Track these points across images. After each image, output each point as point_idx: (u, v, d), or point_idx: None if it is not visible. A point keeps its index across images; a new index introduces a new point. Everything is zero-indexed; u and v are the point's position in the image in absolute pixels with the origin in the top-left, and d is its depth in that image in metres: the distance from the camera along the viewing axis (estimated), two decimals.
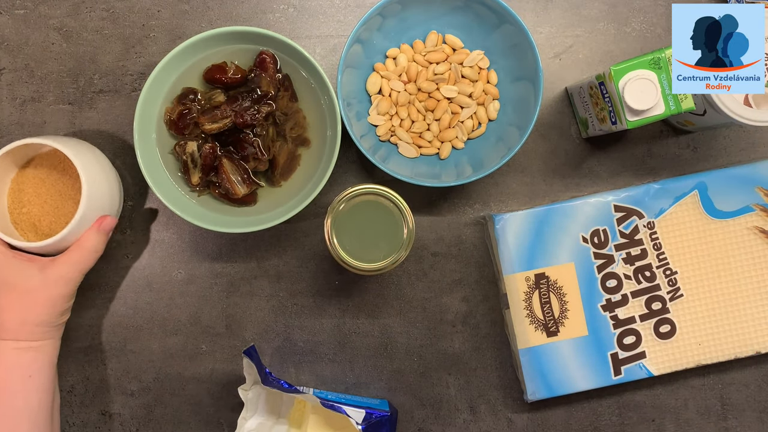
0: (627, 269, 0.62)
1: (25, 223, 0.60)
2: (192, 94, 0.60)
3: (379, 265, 0.55)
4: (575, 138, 0.66)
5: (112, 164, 0.61)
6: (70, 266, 0.57)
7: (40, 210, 0.60)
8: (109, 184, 0.59)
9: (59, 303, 0.57)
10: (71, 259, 0.57)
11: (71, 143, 0.58)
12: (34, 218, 0.60)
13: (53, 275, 0.56)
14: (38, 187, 0.60)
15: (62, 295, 0.56)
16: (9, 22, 0.65)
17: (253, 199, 0.62)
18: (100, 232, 0.58)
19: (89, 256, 0.57)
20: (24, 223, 0.60)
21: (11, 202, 0.60)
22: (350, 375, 0.65)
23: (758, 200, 0.63)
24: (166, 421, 0.65)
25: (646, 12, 0.66)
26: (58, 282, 0.56)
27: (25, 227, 0.60)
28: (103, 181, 0.58)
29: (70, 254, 0.57)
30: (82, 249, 0.57)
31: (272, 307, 0.65)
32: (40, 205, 0.60)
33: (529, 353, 0.62)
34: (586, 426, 0.66)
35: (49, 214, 0.60)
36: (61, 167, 0.61)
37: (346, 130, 0.58)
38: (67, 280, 0.56)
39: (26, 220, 0.60)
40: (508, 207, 0.66)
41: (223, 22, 0.65)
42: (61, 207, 0.60)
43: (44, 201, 0.60)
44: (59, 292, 0.56)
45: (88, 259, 0.57)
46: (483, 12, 0.61)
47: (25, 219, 0.60)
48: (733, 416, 0.66)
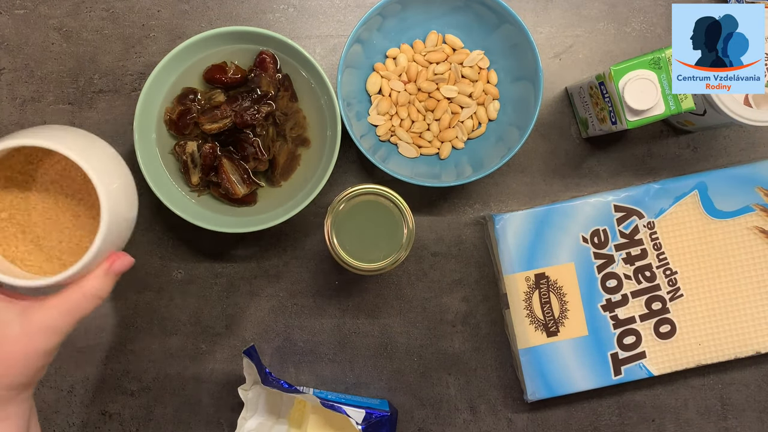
0: (627, 269, 0.62)
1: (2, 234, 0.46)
2: (192, 94, 0.60)
3: (379, 265, 0.55)
4: (575, 138, 0.66)
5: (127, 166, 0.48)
6: (62, 313, 0.42)
7: (24, 219, 0.46)
8: (128, 199, 0.46)
9: (39, 359, 0.42)
10: (65, 305, 0.43)
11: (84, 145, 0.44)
12: (15, 229, 0.46)
13: (37, 323, 0.42)
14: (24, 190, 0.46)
15: (45, 350, 0.42)
16: (9, 22, 0.65)
17: (253, 199, 0.62)
18: (109, 276, 0.44)
19: (90, 303, 0.44)
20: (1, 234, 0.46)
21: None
22: (350, 375, 0.65)
23: (758, 200, 0.63)
24: (166, 421, 0.65)
25: (646, 12, 0.66)
26: (43, 333, 0.42)
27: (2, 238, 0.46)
28: (123, 198, 0.45)
29: (64, 297, 0.43)
30: (82, 293, 0.43)
31: (272, 307, 0.65)
32: (25, 213, 0.46)
33: (529, 353, 0.62)
34: (586, 426, 0.66)
35: (37, 227, 0.46)
36: (60, 167, 0.48)
37: (346, 130, 0.58)
38: (55, 330, 0.42)
39: (3, 229, 0.46)
40: (508, 207, 0.66)
41: (223, 22, 0.65)
42: (55, 220, 0.47)
43: (31, 208, 0.47)
44: (42, 346, 0.42)
45: (86, 306, 0.44)
46: (483, 12, 0.61)
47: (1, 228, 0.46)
48: (733, 416, 0.66)
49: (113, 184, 0.43)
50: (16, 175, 0.46)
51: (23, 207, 0.46)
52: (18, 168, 0.46)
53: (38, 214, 0.46)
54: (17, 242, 0.46)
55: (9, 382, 0.42)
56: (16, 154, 0.46)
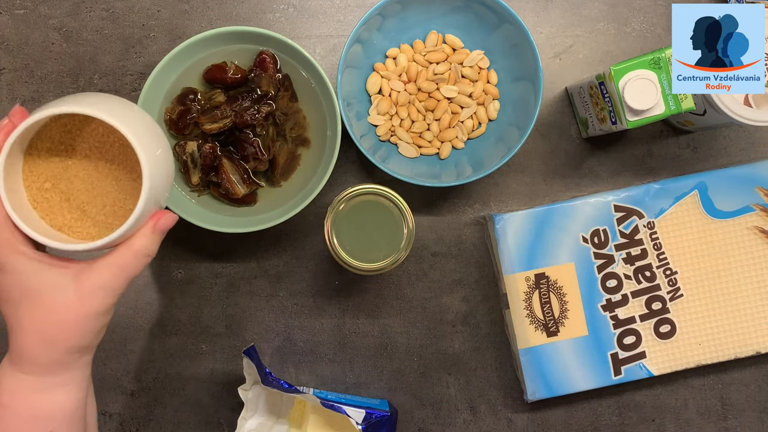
0: (627, 269, 0.62)
1: (49, 204, 0.46)
2: (192, 94, 0.60)
3: (379, 265, 0.55)
4: (575, 138, 0.66)
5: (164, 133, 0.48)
6: (113, 273, 0.43)
7: (68, 186, 0.47)
8: (167, 164, 0.46)
9: (96, 320, 0.44)
10: (117, 264, 0.43)
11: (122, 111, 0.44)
12: (60, 197, 0.46)
13: (91, 284, 0.43)
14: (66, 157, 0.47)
15: (100, 311, 0.43)
16: (9, 22, 0.65)
17: (253, 199, 0.62)
18: (156, 232, 0.45)
19: (140, 262, 0.44)
20: (47, 204, 0.46)
21: (28, 176, 0.46)
22: (350, 375, 0.65)
23: (758, 200, 0.63)
24: (166, 421, 0.65)
25: (646, 12, 0.66)
26: (97, 294, 0.43)
27: (50, 209, 0.46)
28: (162, 162, 0.45)
29: (114, 258, 0.44)
30: (131, 252, 0.44)
31: (272, 307, 0.65)
32: (68, 180, 0.47)
33: (529, 353, 0.62)
34: (586, 426, 0.66)
35: (81, 194, 0.47)
36: (99, 134, 0.47)
37: (346, 130, 0.58)
38: (109, 290, 0.43)
39: (49, 200, 0.46)
40: (508, 207, 0.66)
41: (223, 22, 0.65)
42: (97, 184, 0.47)
43: (74, 175, 0.47)
44: (98, 306, 0.43)
45: (137, 265, 0.44)
46: (483, 12, 0.61)
47: (48, 198, 0.46)
48: (733, 416, 0.66)
49: (151, 146, 0.44)
50: (56, 145, 0.47)
51: (65, 176, 0.47)
52: (57, 138, 0.47)
53: (80, 181, 0.47)
54: (63, 210, 0.47)
55: (68, 346, 0.43)
56: (54, 125, 0.46)
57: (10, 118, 0.43)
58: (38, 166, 0.46)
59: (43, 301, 0.42)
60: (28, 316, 0.42)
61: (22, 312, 0.43)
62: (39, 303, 0.42)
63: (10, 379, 0.44)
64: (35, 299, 0.42)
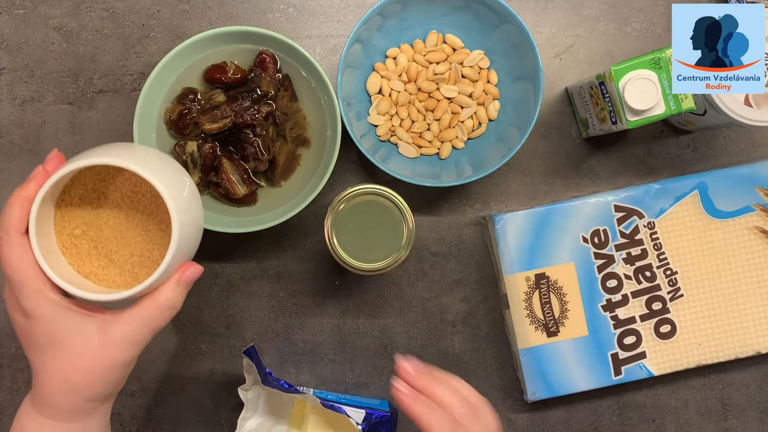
0: (627, 269, 0.62)
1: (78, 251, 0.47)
2: (192, 94, 0.60)
3: (379, 265, 0.55)
4: (575, 138, 0.66)
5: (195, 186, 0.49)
6: (139, 325, 0.44)
7: (98, 234, 0.47)
8: (195, 216, 0.47)
9: (120, 371, 0.45)
10: (142, 316, 0.44)
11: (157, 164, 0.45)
12: (89, 245, 0.47)
13: (116, 336, 0.43)
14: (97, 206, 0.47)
15: (125, 361, 0.44)
16: (9, 22, 0.65)
17: (253, 199, 0.62)
18: (181, 285, 0.45)
19: (165, 314, 0.45)
20: (75, 250, 0.47)
21: (60, 221, 0.47)
22: (350, 375, 0.65)
23: (758, 200, 0.63)
24: (166, 421, 0.65)
25: (646, 12, 0.66)
26: (122, 345, 0.44)
27: (78, 256, 0.47)
28: (192, 215, 0.46)
29: (140, 310, 0.44)
30: (156, 305, 0.44)
31: (272, 307, 0.65)
32: (98, 228, 0.47)
33: (529, 353, 0.62)
34: (586, 426, 0.65)
35: (110, 243, 0.47)
36: (131, 184, 0.48)
37: (346, 130, 0.58)
38: (134, 342, 0.44)
39: (78, 246, 0.47)
40: (508, 207, 0.66)
41: (223, 22, 0.65)
42: (126, 234, 0.48)
43: (104, 223, 0.47)
44: (122, 357, 0.44)
45: (162, 317, 0.45)
46: (483, 12, 0.61)
47: (78, 245, 0.47)
48: (734, 416, 0.66)
49: (182, 200, 0.45)
50: (89, 192, 0.48)
51: (96, 223, 0.48)
52: (91, 185, 0.48)
53: (110, 229, 0.48)
54: (91, 258, 0.47)
55: (90, 394, 0.44)
56: (88, 172, 0.47)
57: (45, 166, 0.44)
58: (70, 212, 0.47)
59: (68, 348, 0.43)
60: (53, 362, 0.43)
61: (47, 358, 0.43)
62: (65, 350, 0.43)
63: (32, 423, 0.45)
64: (61, 345, 0.43)
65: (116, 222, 0.48)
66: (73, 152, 0.65)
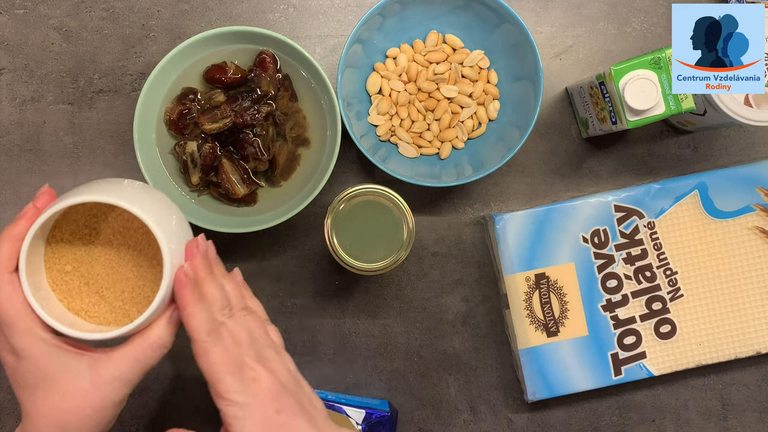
0: (627, 269, 0.62)
1: (68, 287, 0.47)
2: (192, 94, 0.60)
3: (379, 265, 0.55)
4: (575, 138, 0.66)
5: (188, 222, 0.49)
6: (130, 364, 0.43)
7: (88, 271, 0.47)
8: (184, 248, 0.46)
9: (110, 411, 0.44)
10: (133, 355, 0.43)
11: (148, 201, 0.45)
12: (79, 281, 0.47)
13: (107, 375, 0.43)
14: (88, 243, 0.47)
15: (115, 401, 0.44)
16: (9, 22, 0.65)
17: (253, 199, 0.62)
18: (171, 324, 0.45)
19: (156, 353, 0.44)
20: (66, 287, 0.46)
21: (50, 258, 0.46)
22: (350, 375, 0.65)
23: (758, 200, 0.63)
24: (166, 421, 0.65)
25: (646, 12, 0.66)
26: (113, 384, 0.43)
27: (68, 292, 0.46)
28: (180, 248, 0.45)
29: (131, 348, 0.44)
30: (147, 344, 0.44)
31: (272, 307, 0.65)
32: (89, 264, 0.47)
33: (529, 353, 0.62)
34: (586, 426, 0.65)
35: (101, 279, 0.47)
36: (123, 220, 0.48)
37: (346, 130, 0.58)
38: (124, 381, 0.43)
39: (69, 282, 0.47)
40: (508, 207, 0.66)
41: (223, 22, 0.65)
42: (117, 270, 0.47)
43: (95, 260, 0.47)
44: (112, 397, 0.43)
45: (153, 356, 0.44)
46: (483, 12, 0.61)
47: (68, 281, 0.47)
48: (734, 416, 0.66)
49: (173, 236, 0.44)
50: (80, 228, 0.47)
51: (87, 259, 0.47)
52: (82, 221, 0.47)
53: (101, 265, 0.47)
54: (81, 294, 0.47)
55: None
56: (80, 208, 0.47)
57: (35, 203, 0.44)
58: (61, 248, 0.46)
59: (59, 388, 0.42)
60: (44, 402, 0.42)
61: (37, 397, 0.43)
62: (55, 389, 0.42)
63: None
64: (52, 385, 0.42)
65: (108, 258, 0.47)
66: (73, 152, 0.65)
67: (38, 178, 0.65)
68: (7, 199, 0.65)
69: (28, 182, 0.65)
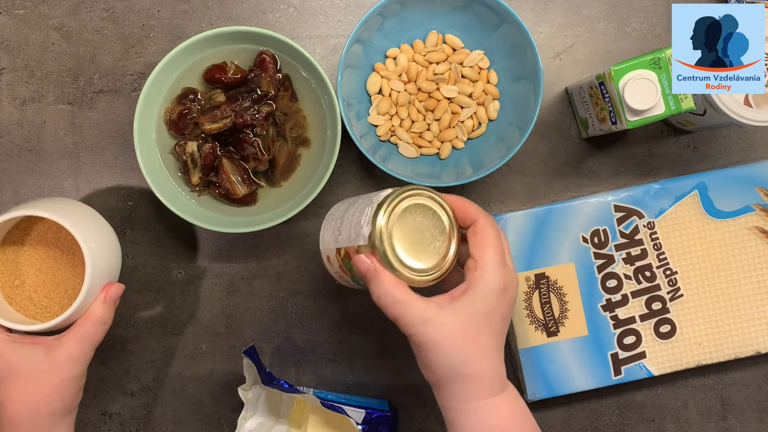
0: (627, 269, 0.62)
1: (20, 298, 0.56)
2: (192, 94, 0.60)
3: (431, 277, 0.47)
4: (575, 138, 0.66)
5: (107, 222, 0.57)
6: (79, 343, 0.51)
7: (35, 280, 0.56)
8: (109, 248, 0.55)
9: (72, 385, 0.52)
10: (79, 335, 0.52)
11: (64, 210, 0.53)
12: (29, 290, 0.56)
13: (62, 355, 0.51)
14: (30, 256, 0.56)
15: (74, 376, 0.51)
16: (9, 22, 0.65)
17: (253, 199, 0.62)
18: (107, 302, 0.53)
19: (98, 329, 0.52)
20: (18, 298, 0.56)
21: (1, 277, 0.55)
22: (350, 375, 0.65)
23: (758, 200, 0.63)
24: (166, 421, 0.65)
25: (646, 12, 0.66)
26: (68, 362, 0.51)
27: (21, 302, 0.56)
28: (104, 247, 0.54)
29: (77, 329, 0.52)
30: (89, 322, 0.52)
31: (272, 307, 0.65)
32: (35, 275, 0.56)
33: (529, 353, 0.62)
34: (586, 426, 0.65)
35: (46, 284, 0.56)
36: (52, 232, 0.56)
37: (346, 130, 0.58)
38: (78, 358, 0.51)
39: (20, 294, 0.56)
40: (508, 207, 0.66)
41: (223, 22, 0.65)
42: (57, 274, 0.56)
43: (38, 270, 0.56)
44: (71, 373, 0.51)
45: (96, 332, 0.52)
46: (483, 12, 0.61)
47: (19, 293, 0.56)
48: (734, 416, 0.66)
49: (91, 235, 0.53)
50: (17, 245, 0.56)
51: (30, 271, 0.56)
52: (19, 239, 0.56)
53: (44, 274, 0.56)
54: (32, 300, 0.56)
55: (51, 409, 0.51)
56: (14, 229, 0.56)
57: None
58: (7, 267, 0.56)
59: (24, 374, 0.50)
60: (15, 389, 0.50)
61: (8, 388, 0.50)
62: (21, 375, 0.50)
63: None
64: (18, 374, 0.50)
65: (47, 266, 0.56)
66: (73, 152, 0.65)
67: (38, 178, 0.65)
68: (7, 199, 0.65)
69: (28, 182, 0.65)
